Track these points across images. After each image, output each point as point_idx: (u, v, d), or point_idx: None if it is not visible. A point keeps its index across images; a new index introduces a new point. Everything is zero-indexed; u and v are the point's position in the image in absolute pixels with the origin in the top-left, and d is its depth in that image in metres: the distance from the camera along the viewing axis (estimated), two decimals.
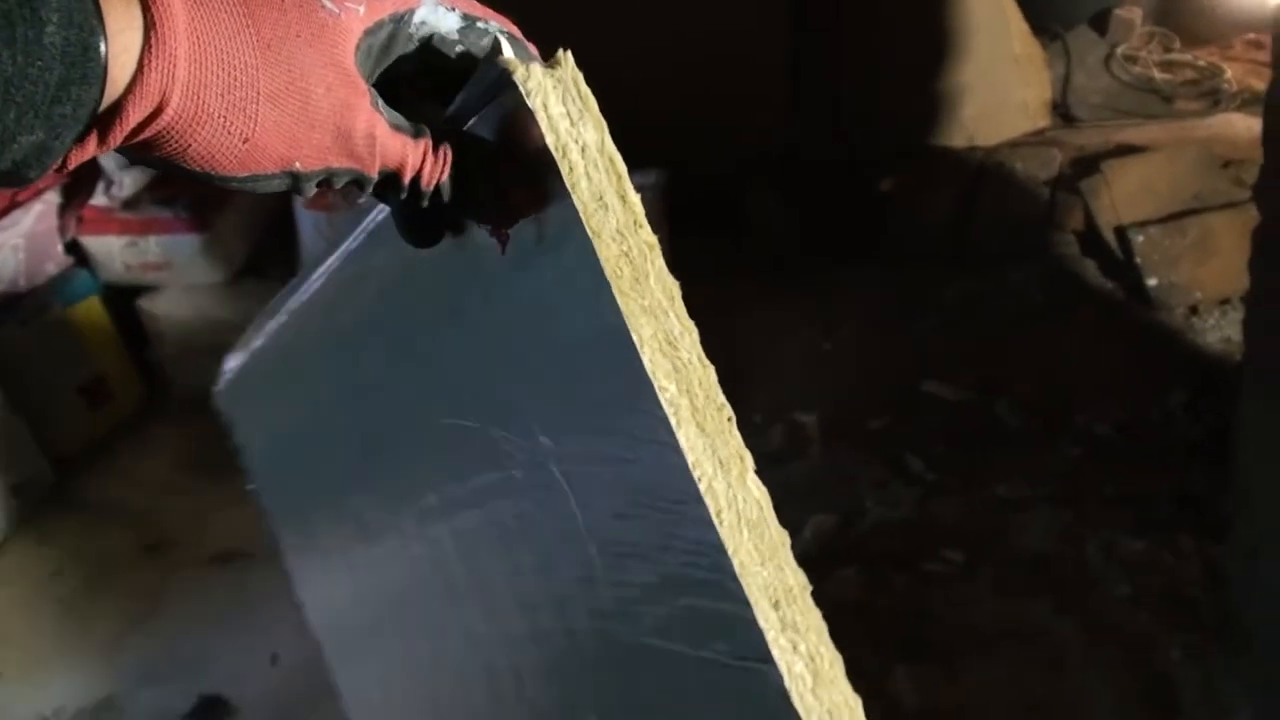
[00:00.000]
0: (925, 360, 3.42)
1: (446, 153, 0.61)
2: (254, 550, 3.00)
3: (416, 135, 0.60)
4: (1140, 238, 3.57)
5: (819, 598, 0.69)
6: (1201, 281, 3.48)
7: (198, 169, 0.54)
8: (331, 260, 0.85)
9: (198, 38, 0.51)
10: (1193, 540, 2.80)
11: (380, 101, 0.58)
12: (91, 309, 3.47)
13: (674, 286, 0.63)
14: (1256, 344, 2.31)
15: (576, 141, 0.60)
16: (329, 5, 0.55)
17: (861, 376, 3.34)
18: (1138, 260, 3.55)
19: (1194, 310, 3.46)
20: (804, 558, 0.69)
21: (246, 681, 2.70)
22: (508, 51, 0.61)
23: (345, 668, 1.17)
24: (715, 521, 0.63)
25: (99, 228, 3.46)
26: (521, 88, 0.59)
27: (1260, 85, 4.13)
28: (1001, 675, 2.41)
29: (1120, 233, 3.62)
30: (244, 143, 0.53)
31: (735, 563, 0.63)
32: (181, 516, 3.22)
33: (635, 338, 0.61)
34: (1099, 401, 3.21)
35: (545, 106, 0.59)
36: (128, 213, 3.44)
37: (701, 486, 0.62)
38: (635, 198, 0.62)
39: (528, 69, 0.59)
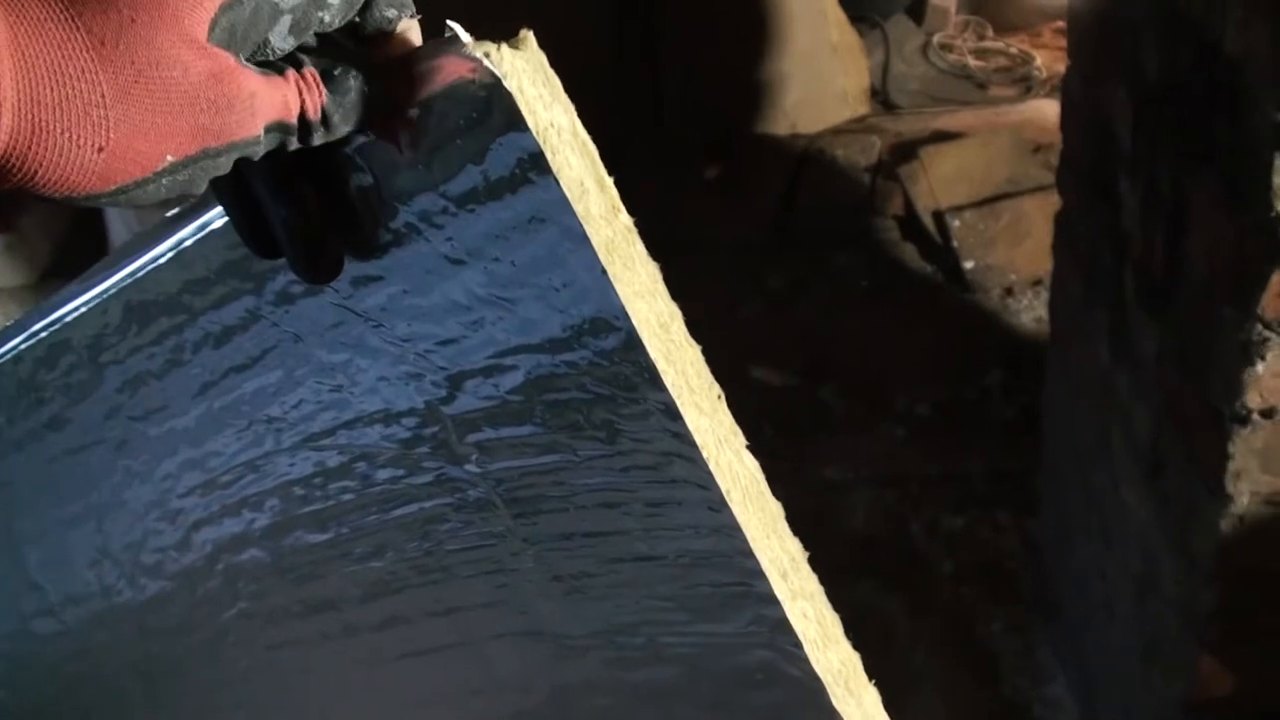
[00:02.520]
0: (751, 346, 3.45)
1: (312, 74, 0.55)
2: None
3: (281, 72, 0.54)
4: (957, 222, 3.67)
5: None
6: (1015, 264, 3.59)
7: (55, 194, 0.49)
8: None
9: (22, 51, 0.47)
10: (1010, 515, 2.89)
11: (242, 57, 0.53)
12: None
13: (655, 269, 0.60)
14: (1059, 325, 2.39)
15: (553, 125, 0.56)
16: None
17: None
18: (955, 244, 3.64)
19: (1009, 291, 3.56)
20: None
21: None
22: (466, 36, 0.56)
23: None
24: (726, 499, 0.61)
25: None
26: (496, 70, 0.55)
27: None
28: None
29: (938, 217, 3.71)
30: (99, 152, 0.48)
31: (748, 539, 0.62)
32: None
33: (634, 323, 0.58)
34: (920, 383, 3.28)
35: (521, 89, 0.55)
36: None
37: (711, 466, 0.61)
38: (610, 181, 0.59)
39: (499, 49, 0.55)
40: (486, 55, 0.55)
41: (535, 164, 0.56)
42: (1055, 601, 2.54)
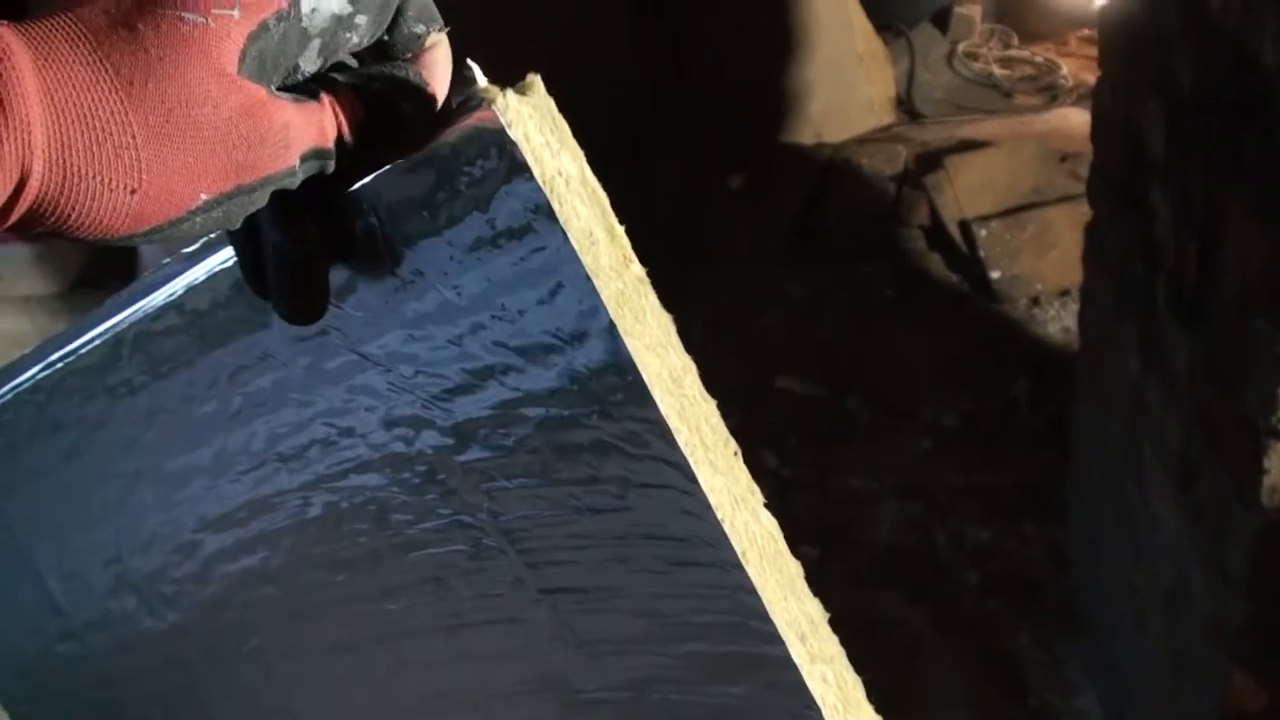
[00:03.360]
0: (776, 356, 3.45)
1: (347, 96, 0.55)
2: None
3: (315, 97, 0.54)
4: (983, 231, 3.65)
5: None
6: (1042, 273, 3.57)
7: (89, 236, 0.49)
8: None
9: (51, 96, 0.47)
10: (1037, 526, 2.88)
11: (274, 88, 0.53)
12: None
13: (668, 321, 0.59)
14: (1088, 335, 2.38)
15: (560, 174, 0.55)
16: (191, 16, 0.49)
17: (714, 373, 3.33)
18: (981, 253, 3.63)
19: (1035, 301, 3.54)
20: None
21: None
22: (481, 79, 0.56)
23: None
24: (741, 561, 0.60)
25: None
26: (501, 118, 0.53)
27: (1094, 80, 4.26)
28: (857, 668, 2.45)
29: (964, 226, 3.70)
30: (132, 194, 0.48)
31: (764, 601, 0.61)
32: None
33: (645, 378, 0.57)
34: (945, 393, 3.27)
35: (527, 137, 0.54)
36: None
37: (726, 527, 0.59)
38: (621, 230, 0.57)
39: (504, 95, 0.54)
40: (491, 101, 0.54)
41: (541, 213, 0.55)
42: (1083, 614, 2.52)
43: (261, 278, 0.60)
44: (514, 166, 0.55)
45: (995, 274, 3.59)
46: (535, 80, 0.55)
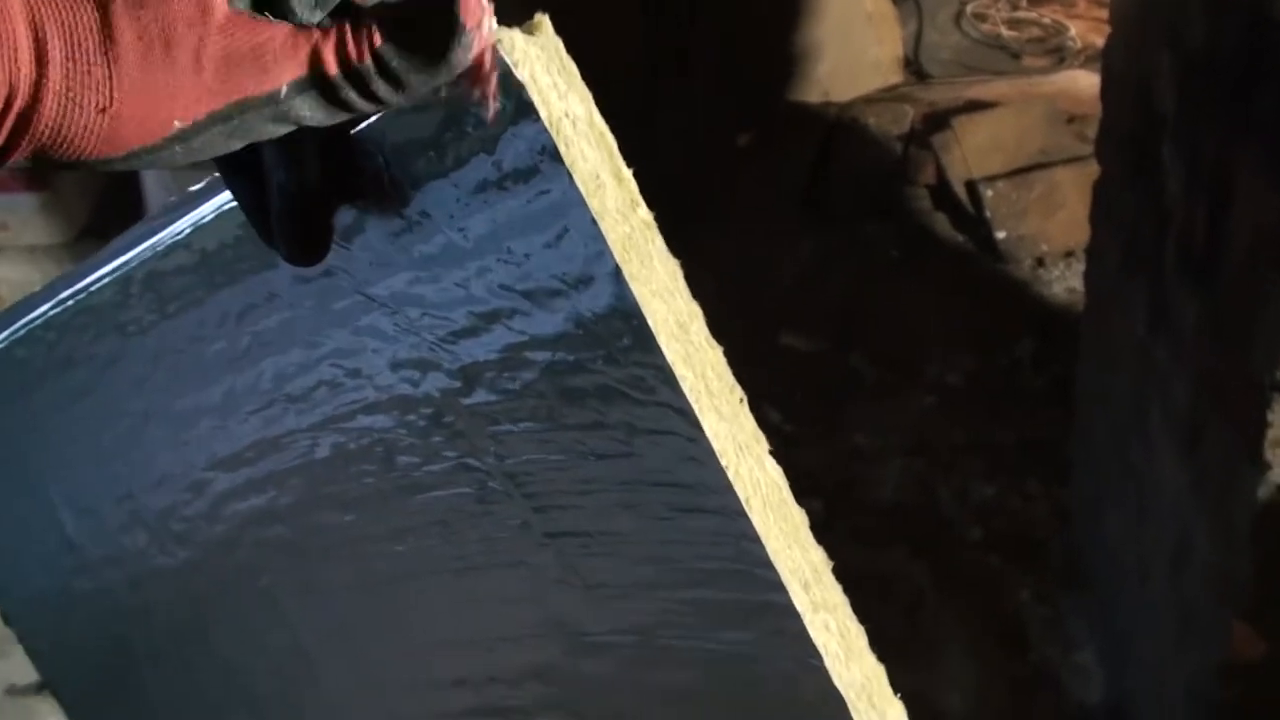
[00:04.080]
0: (782, 313, 3.46)
1: (369, 26, 0.51)
2: None
3: (321, 25, 0.51)
4: (989, 192, 3.65)
5: None
6: (1048, 234, 3.58)
7: (66, 157, 0.48)
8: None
9: (32, 12, 0.46)
10: (1040, 484, 2.90)
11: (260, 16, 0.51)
12: None
13: (675, 266, 0.58)
14: (1094, 295, 2.39)
15: (567, 116, 0.54)
16: None
17: (720, 330, 3.35)
18: (987, 213, 3.63)
19: (1040, 262, 3.55)
20: None
21: None
22: (490, 18, 0.53)
23: None
24: (745, 508, 0.60)
25: None
26: (507, 58, 0.52)
27: (1102, 42, 4.24)
28: (859, 621, 2.48)
29: (970, 187, 3.70)
30: (101, 113, 0.47)
31: (767, 549, 0.60)
32: None
33: (650, 324, 0.56)
34: (950, 352, 3.28)
35: (534, 78, 0.53)
36: None
37: (730, 474, 0.59)
38: (628, 173, 0.56)
39: (511, 35, 0.52)
40: (498, 41, 0.52)
41: (548, 155, 0.54)
42: (1085, 570, 2.55)
43: (265, 219, 0.59)
44: (520, 107, 0.54)
45: (1001, 234, 3.60)
46: (543, 20, 0.55)
